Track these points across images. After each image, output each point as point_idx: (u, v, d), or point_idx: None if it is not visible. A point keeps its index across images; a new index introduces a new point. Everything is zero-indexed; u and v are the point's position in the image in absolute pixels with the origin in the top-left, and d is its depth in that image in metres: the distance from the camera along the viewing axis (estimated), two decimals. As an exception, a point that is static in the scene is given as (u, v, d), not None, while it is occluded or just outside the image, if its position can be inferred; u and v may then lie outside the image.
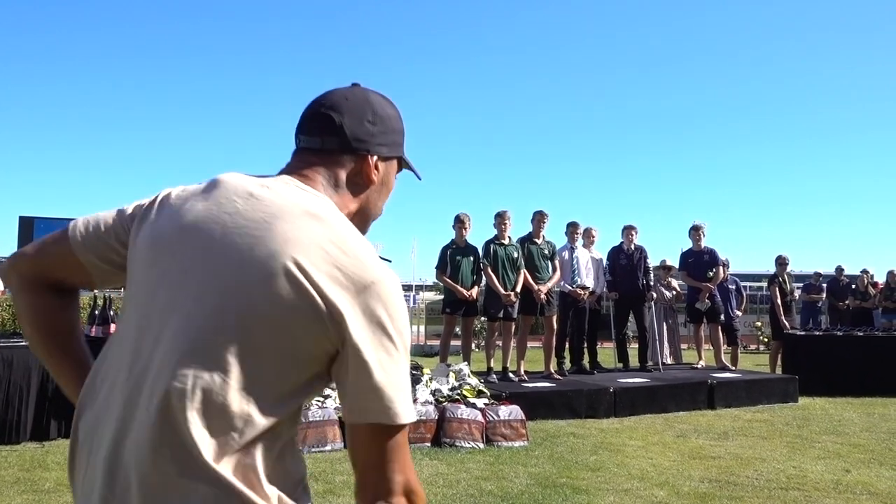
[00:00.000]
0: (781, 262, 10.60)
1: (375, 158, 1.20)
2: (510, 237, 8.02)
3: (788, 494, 4.40)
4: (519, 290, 7.83)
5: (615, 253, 9.20)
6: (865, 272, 12.59)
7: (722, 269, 9.58)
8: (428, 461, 5.07)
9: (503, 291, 7.72)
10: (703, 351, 9.67)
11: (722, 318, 9.56)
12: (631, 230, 9.21)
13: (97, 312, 6.12)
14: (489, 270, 7.78)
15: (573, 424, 6.51)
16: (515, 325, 8.07)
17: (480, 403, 5.94)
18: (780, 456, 5.44)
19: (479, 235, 12.36)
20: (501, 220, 7.95)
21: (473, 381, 6.45)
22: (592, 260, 8.82)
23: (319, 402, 5.61)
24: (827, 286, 12.40)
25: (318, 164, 1.16)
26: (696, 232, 9.48)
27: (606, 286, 9.11)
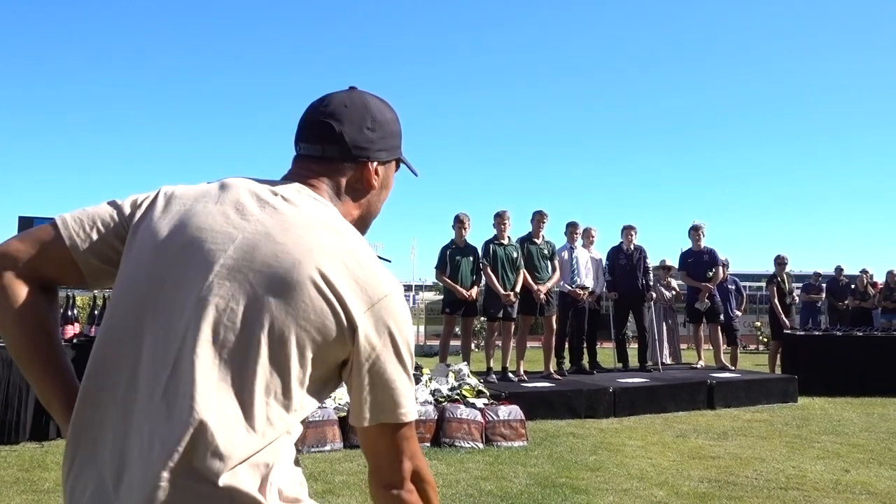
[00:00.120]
0: (780, 261, 10.61)
1: (375, 164, 1.21)
2: (510, 237, 8.03)
3: (788, 494, 4.40)
4: (518, 290, 7.83)
5: (615, 253, 9.20)
6: (865, 272, 12.58)
7: (721, 269, 9.58)
8: (427, 461, 5.06)
9: (503, 291, 7.72)
10: (702, 351, 9.67)
11: (721, 318, 9.56)
12: (630, 230, 9.21)
13: (97, 312, 6.11)
14: (489, 270, 7.78)
15: (573, 424, 6.51)
16: (515, 325, 8.07)
17: (480, 403, 5.94)
18: (779, 456, 5.44)
19: (478, 235, 12.36)
20: (501, 220, 7.95)
21: (473, 381, 6.45)
22: (592, 260, 8.82)
23: (319, 402, 5.59)
24: (826, 286, 12.39)
25: (320, 172, 1.18)
26: (695, 232, 9.49)
27: (606, 286, 9.11)
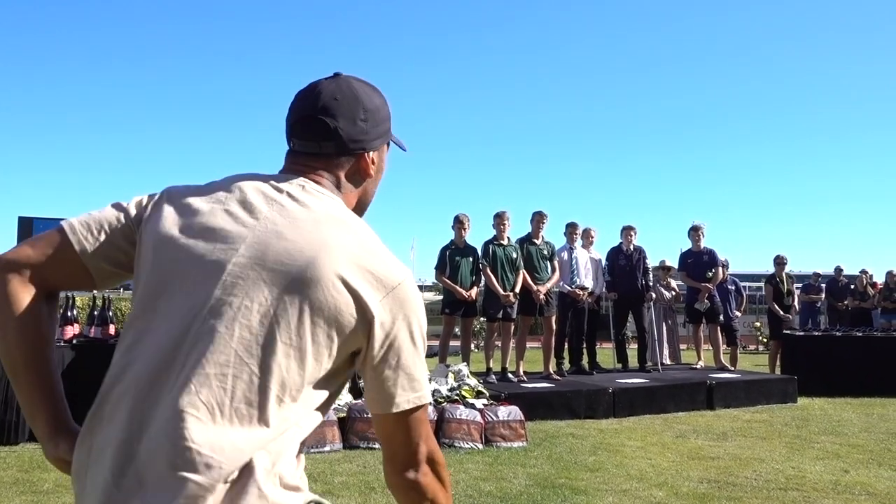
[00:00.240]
0: (779, 262, 10.62)
1: (371, 153, 1.22)
2: (509, 238, 8.03)
3: (787, 495, 4.40)
4: (518, 290, 7.84)
5: (614, 253, 9.20)
6: (864, 272, 12.59)
7: (721, 269, 9.59)
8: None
9: (502, 292, 7.72)
10: (702, 351, 9.67)
11: (721, 318, 9.57)
12: (630, 231, 9.22)
13: (96, 313, 6.08)
14: (488, 271, 7.79)
15: (572, 425, 6.51)
16: (514, 325, 8.08)
17: (479, 404, 5.94)
18: (778, 456, 5.44)
19: (478, 236, 12.38)
20: (500, 220, 7.96)
21: (472, 381, 6.45)
22: (591, 260, 8.83)
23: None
24: (826, 286, 12.40)
25: (319, 167, 1.18)
26: (695, 232, 9.49)
27: (605, 286, 9.12)
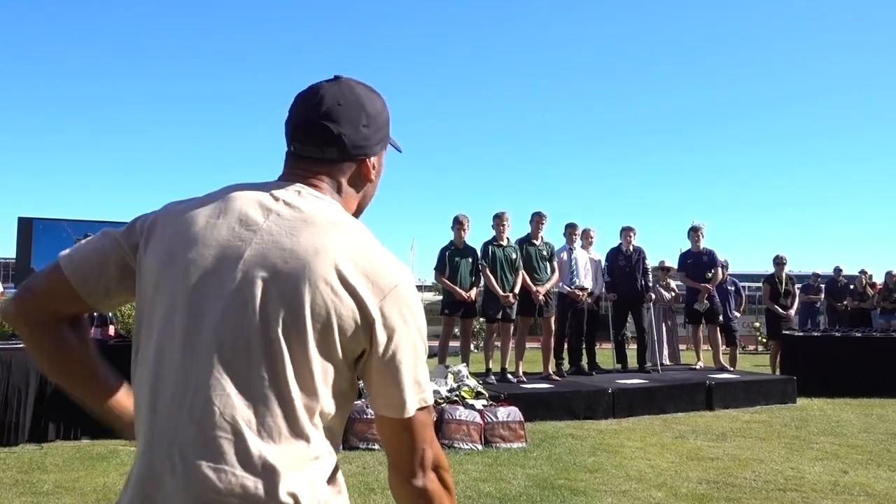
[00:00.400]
0: (779, 262, 10.62)
1: (372, 158, 1.22)
2: (509, 238, 8.03)
3: (786, 496, 4.40)
4: (517, 291, 7.84)
5: (614, 254, 9.21)
6: (864, 273, 12.60)
7: (721, 270, 9.59)
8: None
9: (502, 293, 7.72)
10: (701, 352, 9.67)
11: (720, 319, 9.57)
12: (629, 231, 9.22)
13: (95, 314, 6.09)
14: (487, 272, 7.79)
15: (571, 426, 6.51)
16: (514, 326, 8.08)
17: (479, 405, 5.94)
18: (777, 457, 5.44)
19: (477, 237, 12.35)
20: (500, 221, 7.95)
21: (472, 382, 6.45)
22: (591, 261, 8.83)
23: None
24: (825, 287, 12.41)
25: (320, 172, 1.17)
26: (694, 233, 9.49)
27: (605, 287, 9.12)
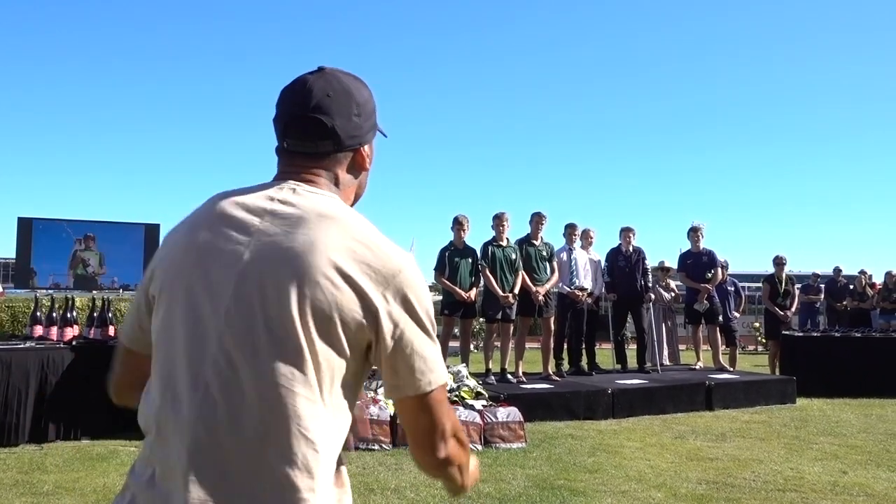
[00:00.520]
0: (779, 262, 10.62)
1: (366, 146, 1.23)
2: (508, 239, 8.04)
3: (785, 496, 4.41)
4: (517, 291, 7.84)
5: (613, 254, 9.21)
6: (863, 273, 12.60)
7: (721, 270, 9.59)
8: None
9: (501, 293, 7.72)
10: (701, 352, 9.68)
11: (720, 319, 9.57)
12: (629, 232, 9.23)
13: (96, 315, 6.09)
14: (487, 272, 7.79)
15: (571, 426, 6.51)
16: (514, 326, 8.08)
17: (478, 405, 5.95)
18: (777, 457, 5.45)
19: (477, 237, 12.34)
20: (499, 221, 7.96)
21: (472, 382, 6.45)
22: (591, 261, 8.83)
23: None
24: (825, 287, 12.41)
25: (316, 166, 1.18)
26: (694, 233, 9.50)
27: (605, 287, 9.13)
